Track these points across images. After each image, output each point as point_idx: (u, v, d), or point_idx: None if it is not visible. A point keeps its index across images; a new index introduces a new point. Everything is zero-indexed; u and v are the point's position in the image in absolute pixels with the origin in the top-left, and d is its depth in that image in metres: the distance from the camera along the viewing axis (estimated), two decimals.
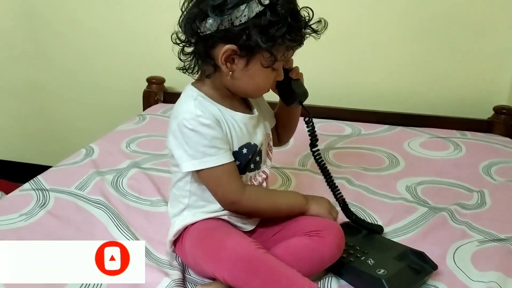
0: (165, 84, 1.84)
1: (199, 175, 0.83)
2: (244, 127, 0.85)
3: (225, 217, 0.86)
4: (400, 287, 0.79)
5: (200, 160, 0.80)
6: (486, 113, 1.62)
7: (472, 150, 1.43)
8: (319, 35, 0.82)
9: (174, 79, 1.82)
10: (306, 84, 0.95)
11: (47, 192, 1.10)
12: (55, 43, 1.92)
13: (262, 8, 0.75)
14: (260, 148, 0.88)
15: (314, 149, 0.93)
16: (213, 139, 0.80)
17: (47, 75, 1.98)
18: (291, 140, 1.44)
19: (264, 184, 0.91)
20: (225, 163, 0.81)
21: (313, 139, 0.93)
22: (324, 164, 0.93)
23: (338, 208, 0.95)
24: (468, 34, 1.61)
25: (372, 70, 1.71)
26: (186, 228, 0.86)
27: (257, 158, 0.88)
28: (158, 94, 1.81)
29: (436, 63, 1.66)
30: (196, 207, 0.87)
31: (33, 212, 1.02)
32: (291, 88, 0.91)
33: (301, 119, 0.98)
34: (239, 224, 0.88)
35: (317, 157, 0.93)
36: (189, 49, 0.83)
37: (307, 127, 0.92)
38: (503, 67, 1.62)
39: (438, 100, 1.68)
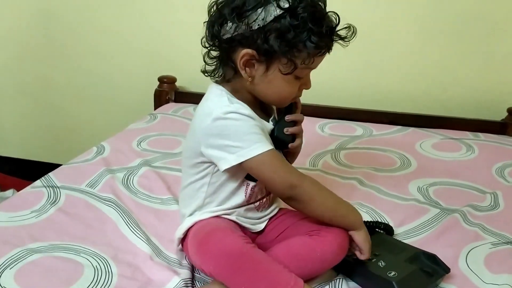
0: (177, 84, 1.84)
1: (250, 167, 0.78)
2: (266, 131, 0.84)
3: (233, 217, 0.85)
4: None
5: (248, 149, 0.76)
6: (499, 115, 1.60)
7: (485, 151, 1.41)
8: (346, 43, 0.80)
9: (186, 78, 1.83)
10: (320, 84, 0.92)
11: (58, 189, 1.11)
12: (67, 41, 1.94)
13: (281, 11, 0.73)
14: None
15: None
16: (255, 126, 0.78)
17: (60, 74, 2.00)
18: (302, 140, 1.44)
19: None
20: (272, 148, 0.78)
21: None
22: None
23: None
24: (482, 35, 1.59)
25: (384, 71, 1.69)
26: (192, 226, 0.85)
27: None
28: (169, 93, 1.81)
29: (449, 64, 1.64)
30: (208, 208, 0.85)
31: (44, 209, 1.02)
32: (273, 129, 0.86)
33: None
34: (247, 225, 0.87)
35: None
36: (214, 53, 0.82)
37: None
38: None
39: (451, 101, 1.66)
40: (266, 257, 0.75)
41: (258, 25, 0.74)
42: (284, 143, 0.87)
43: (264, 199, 0.88)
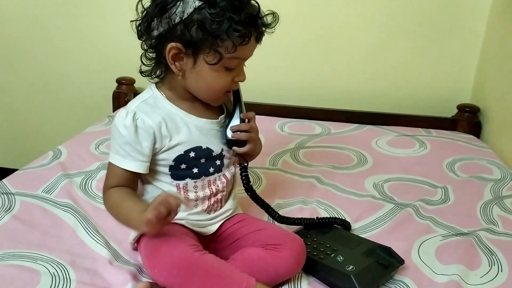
0: (135, 85, 1.82)
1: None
2: (197, 131, 0.84)
3: (183, 222, 0.85)
4: (368, 282, 0.80)
5: (112, 154, 0.83)
6: (450, 111, 1.67)
7: (437, 147, 1.47)
8: (272, 29, 0.81)
9: (144, 80, 1.78)
10: (279, 84, 0.93)
11: (12, 196, 1.07)
12: (22, 42, 1.88)
13: (200, 3, 0.74)
14: (221, 153, 0.87)
15: (249, 193, 0.94)
16: (125, 144, 0.81)
17: (14, 75, 1.93)
18: (262, 140, 1.46)
19: (228, 188, 0.90)
20: (124, 168, 0.81)
21: (247, 185, 0.93)
22: (262, 201, 0.96)
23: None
24: (434, 35, 1.65)
25: (341, 71, 1.74)
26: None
27: (218, 162, 0.87)
28: (128, 95, 1.79)
29: (403, 63, 1.70)
30: None
31: None
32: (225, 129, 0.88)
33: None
34: (196, 229, 0.86)
35: (254, 196, 0.95)
36: (152, 54, 0.83)
37: (241, 174, 0.93)
38: (467, 67, 1.68)
39: (405, 99, 1.73)
40: (217, 261, 0.76)
41: (180, 17, 0.75)
42: (239, 144, 0.89)
43: (213, 199, 0.88)
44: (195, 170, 0.85)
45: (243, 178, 0.93)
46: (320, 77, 1.75)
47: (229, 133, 0.88)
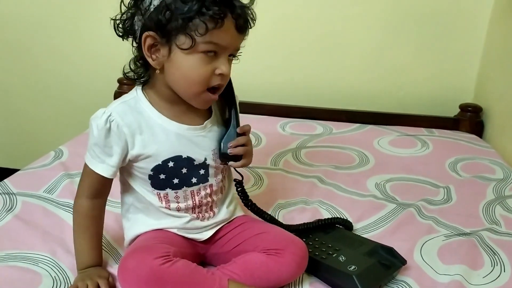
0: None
1: None
2: (177, 139, 0.80)
3: (175, 230, 0.84)
4: (370, 283, 0.80)
5: (87, 153, 0.81)
6: (452, 111, 1.67)
7: (439, 147, 1.47)
8: (251, 12, 0.77)
9: None
10: (281, 84, 0.92)
11: (14, 196, 1.07)
12: (22, 42, 1.88)
13: None
14: (204, 162, 0.83)
15: (249, 208, 0.93)
16: (94, 144, 0.79)
17: (15, 75, 1.93)
18: (263, 140, 1.46)
19: (214, 197, 0.87)
20: (93, 170, 0.80)
21: (245, 200, 0.93)
22: (264, 213, 0.95)
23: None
24: (436, 34, 1.65)
25: (343, 70, 1.73)
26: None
27: (202, 172, 0.83)
28: None
29: (405, 62, 1.70)
30: (138, 216, 0.86)
31: (0, 216, 0.99)
32: (219, 140, 0.84)
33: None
34: (191, 236, 0.85)
35: (255, 209, 0.94)
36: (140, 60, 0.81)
37: (237, 191, 0.92)
38: (469, 66, 1.67)
39: (407, 99, 1.72)
40: (188, 268, 0.74)
41: (153, 5, 0.73)
42: (235, 158, 0.85)
43: (197, 210, 0.85)
44: (176, 181, 0.81)
45: (240, 194, 0.91)
46: (322, 77, 1.75)
47: (226, 148, 0.83)
